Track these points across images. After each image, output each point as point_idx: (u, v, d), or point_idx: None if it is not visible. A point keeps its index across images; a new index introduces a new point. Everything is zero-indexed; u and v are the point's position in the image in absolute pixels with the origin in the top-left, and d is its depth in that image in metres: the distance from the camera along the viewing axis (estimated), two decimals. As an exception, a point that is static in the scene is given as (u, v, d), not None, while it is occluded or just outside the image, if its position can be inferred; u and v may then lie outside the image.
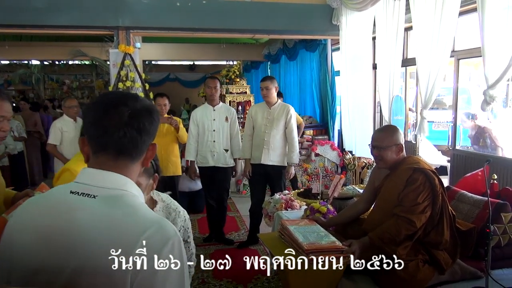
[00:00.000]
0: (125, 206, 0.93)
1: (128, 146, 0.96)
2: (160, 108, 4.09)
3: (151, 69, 11.37)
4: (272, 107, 4.04)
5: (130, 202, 0.95)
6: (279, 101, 4.13)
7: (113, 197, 0.94)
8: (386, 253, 2.05)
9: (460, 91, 4.86)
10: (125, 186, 0.97)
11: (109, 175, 0.96)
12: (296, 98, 8.46)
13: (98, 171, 0.96)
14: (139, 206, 0.95)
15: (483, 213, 2.38)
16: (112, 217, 0.90)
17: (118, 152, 0.96)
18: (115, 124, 0.94)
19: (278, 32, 6.24)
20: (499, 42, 3.34)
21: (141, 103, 1.00)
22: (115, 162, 0.97)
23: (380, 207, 2.31)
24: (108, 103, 0.97)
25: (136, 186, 1.00)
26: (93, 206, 0.91)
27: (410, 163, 2.20)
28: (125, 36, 5.52)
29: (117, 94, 1.02)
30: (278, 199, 3.65)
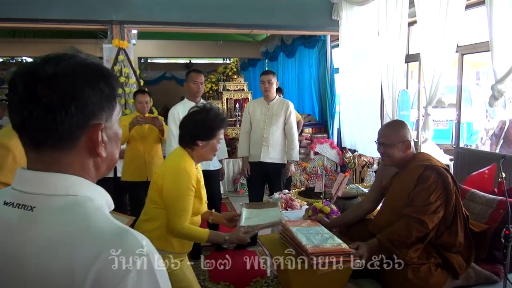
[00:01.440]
0: (71, 220, 0.68)
1: (38, 130, 0.69)
2: (142, 106, 3.75)
3: (146, 67, 11.21)
4: (270, 102, 3.90)
5: (80, 211, 0.69)
6: (277, 97, 3.99)
7: (57, 208, 0.69)
8: (396, 256, 1.92)
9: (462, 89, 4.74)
10: (72, 189, 0.71)
11: (45, 177, 0.70)
12: (295, 96, 8.32)
13: (32, 172, 0.71)
14: (92, 216, 0.69)
15: (496, 213, 2.25)
16: (53, 240, 0.65)
17: (32, 141, 0.71)
18: (18, 102, 0.69)
19: (276, 28, 6.09)
20: (508, 35, 3.22)
21: (64, 64, 0.70)
22: (41, 156, 0.71)
23: (388, 207, 2.17)
24: (17, 74, 0.70)
25: (90, 183, 0.75)
26: (31, 223, 0.67)
27: (420, 160, 2.06)
28: (119, 31, 5.36)
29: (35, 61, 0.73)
30: (277, 198, 3.51)
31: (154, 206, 2.00)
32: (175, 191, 1.93)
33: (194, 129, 2.02)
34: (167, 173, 1.96)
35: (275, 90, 3.94)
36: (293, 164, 3.91)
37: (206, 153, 2.05)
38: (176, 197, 1.93)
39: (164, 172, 1.99)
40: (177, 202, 1.93)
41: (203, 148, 2.02)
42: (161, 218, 1.97)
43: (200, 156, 2.06)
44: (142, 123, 3.56)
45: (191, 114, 2.09)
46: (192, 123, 2.04)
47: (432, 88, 3.97)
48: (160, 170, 2.05)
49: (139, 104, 3.77)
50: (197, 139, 2.00)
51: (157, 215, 1.98)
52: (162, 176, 1.98)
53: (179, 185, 1.93)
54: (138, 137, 3.69)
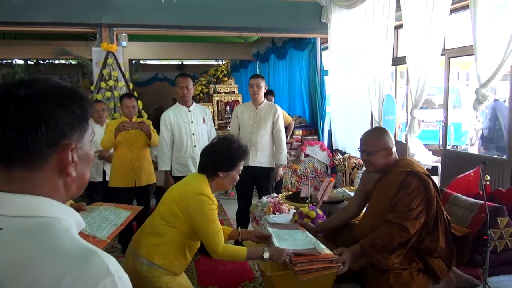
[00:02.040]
0: (38, 242, 0.68)
1: (9, 149, 0.70)
2: (128, 110, 3.64)
3: (138, 68, 11.17)
4: (259, 107, 3.90)
5: (48, 233, 0.69)
6: (266, 101, 4.00)
7: (24, 230, 0.69)
8: (378, 261, 1.95)
9: (450, 90, 4.79)
10: (41, 210, 0.72)
11: (13, 198, 0.71)
12: (286, 98, 8.35)
13: (0, 194, 0.72)
14: (59, 237, 0.70)
15: (478, 217, 2.28)
16: (20, 261, 0.65)
17: (2, 160, 0.72)
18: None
19: (266, 30, 6.12)
20: (491, 40, 3.27)
21: (38, 85, 0.73)
22: (10, 175, 0.72)
23: (372, 213, 2.19)
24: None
25: (59, 204, 0.76)
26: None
27: (402, 166, 2.08)
28: (108, 34, 5.35)
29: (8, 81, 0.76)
30: (266, 202, 3.52)
31: (163, 222, 2.01)
32: (203, 218, 1.96)
33: (216, 159, 2.05)
34: (191, 202, 1.97)
35: (263, 94, 3.94)
36: (281, 168, 3.92)
37: (225, 183, 2.10)
38: (205, 224, 1.96)
39: (186, 195, 2.00)
40: (209, 228, 1.96)
41: (224, 178, 2.07)
42: (168, 236, 1.98)
43: (219, 185, 2.10)
44: (129, 129, 3.47)
45: (214, 144, 2.13)
46: (214, 154, 2.08)
47: (418, 91, 4.01)
48: (179, 193, 2.04)
49: (125, 108, 3.66)
50: (219, 170, 2.04)
51: (164, 232, 1.99)
52: (182, 199, 1.99)
53: (205, 211, 1.96)
54: (125, 142, 3.61)
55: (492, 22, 3.26)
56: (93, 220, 1.67)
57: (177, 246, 2.00)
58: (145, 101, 13.58)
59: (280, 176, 3.95)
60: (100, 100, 4.77)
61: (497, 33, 3.21)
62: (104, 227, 1.67)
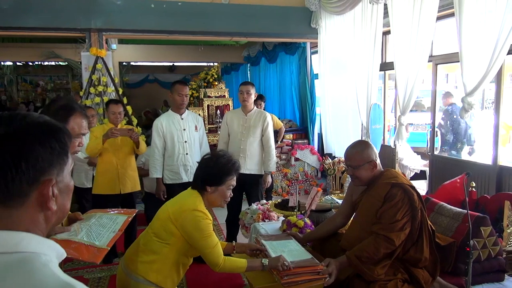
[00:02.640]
0: (18, 278, 0.68)
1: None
2: (115, 116, 3.60)
3: (128, 70, 11.12)
4: (248, 114, 3.91)
5: (27, 269, 0.70)
6: (255, 108, 4.01)
7: (4, 266, 0.69)
8: (364, 273, 1.97)
9: (438, 93, 4.86)
10: (21, 245, 0.72)
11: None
12: (276, 101, 8.39)
13: None
14: (38, 273, 0.70)
15: (462, 226, 2.32)
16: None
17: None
18: None
19: (256, 35, 6.14)
20: (477, 49, 3.32)
21: (16, 123, 0.74)
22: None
23: (358, 224, 2.22)
24: None
25: (39, 238, 0.76)
26: None
27: (388, 177, 2.11)
28: (98, 39, 5.32)
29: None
30: (255, 209, 3.54)
31: (157, 239, 2.00)
32: (199, 233, 1.96)
33: (205, 174, 2.07)
34: (186, 219, 1.97)
35: (253, 101, 3.95)
36: (270, 175, 3.93)
37: (216, 199, 2.09)
38: (203, 238, 1.96)
39: (180, 214, 1.99)
40: (206, 242, 1.96)
41: (213, 193, 2.07)
42: (162, 253, 1.98)
43: (210, 201, 2.09)
44: (118, 136, 3.45)
45: (206, 160, 2.14)
46: (204, 169, 2.10)
47: (405, 98, 4.06)
48: (174, 210, 2.03)
49: (112, 114, 3.61)
50: (207, 184, 2.05)
51: (158, 249, 1.98)
52: (178, 217, 1.98)
53: (201, 226, 1.96)
54: (111, 149, 3.57)
55: (478, 31, 3.31)
56: (91, 229, 1.66)
57: (172, 263, 2.00)
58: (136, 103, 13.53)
59: (268, 183, 3.95)
60: (90, 106, 4.75)
61: (482, 42, 3.26)
62: (103, 234, 1.65)
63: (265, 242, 2.20)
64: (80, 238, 1.62)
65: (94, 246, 1.61)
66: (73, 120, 1.71)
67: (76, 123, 1.71)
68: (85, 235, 1.64)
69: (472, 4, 3.30)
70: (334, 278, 1.95)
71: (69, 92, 13.54)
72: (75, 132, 1.71)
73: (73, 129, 1.69)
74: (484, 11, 3.23)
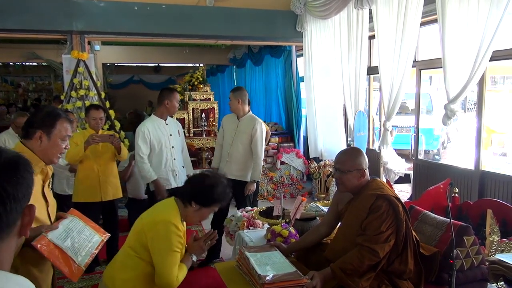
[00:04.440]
0: None
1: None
2: (96, 122, 3.53)
3: (112, 71, 10.95)
4: (241, 118, 3.89)
5: None
6: (249, 114, 3.95)
7: None
8: (348, 285, 1.96)
9: (421, 96, 4.90)
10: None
11: None
12: (262, 105, 8.36)
13: None
14: None
15: (446, 235, 2.32)
16: None
17: None
18: None
19: (241, 38, 6.11)
20: (459, 55, 3.34)
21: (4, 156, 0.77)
22: None
23: (343, 235, 2.21)
24: None
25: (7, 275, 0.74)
26: None
27: (373, 188, 2.10)
28: (79, 41, 5.21)
29: None
30: (240, 217, 3.50)
31: (133, 253, 1.96)
32: (167, 247, 1.91)
33: (198, 190, 2.03)
34: (159, 230, 1.92)
35: (241, 107, 3.85)
36: (254, 184, 3.88)
37: (194, 217, 2.06)
38: (168, 252, 1.91)
39: (154, 225, 1.95)
40: (170, 257, 1.91)
41: (195, 211, 2.03)
42: (138, 269, 1.94)
43: (188, 217, 2.05)
44: (99, 142, 3.38)
45: (204, 176, 2.09)
46: (199, 185, 2.04)
47: (390, 103, 4.07)
48: (148, 221, 2.00)
49: (92, 120, 3.53)
50: (194, 200, 2.01)
51: (135, 265, 1.94)
52: (152, 227, 1.94)
53: (171, 240, 1.91)
54: (92, 155, 3.49)
55: (460, 38, 3.34)
56: (74, 240, 1.79)
57: (150, 279, 1.95)
58: (120, 104, 13.36)
59: (251, 192, 3.86)
60: (70, 110, 4.65)
61: (465, 48, 3.29)
62: (82, 249, 1.80)
63: (249, 254, 2.17)
64: (66, 245, 1.73)
65: (75, 262, 1.73)
66: (60, 124, 1.88)
67: (63, 127, 1.89)
68: (71, 246, 1.76)
69: (455, 11, 3.33)
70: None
71: (52, 93, 13.28)
72: (62, 135, 1.88)
73: (60, 132, 1.87)
74: (466, 18, 3.25)
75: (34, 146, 1.83)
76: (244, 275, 2.10)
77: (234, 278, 2.13)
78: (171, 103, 3.66)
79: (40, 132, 1.83)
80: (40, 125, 1.84)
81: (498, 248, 2.55)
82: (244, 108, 3.89)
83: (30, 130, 1.85)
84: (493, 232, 2.56)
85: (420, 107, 4.78)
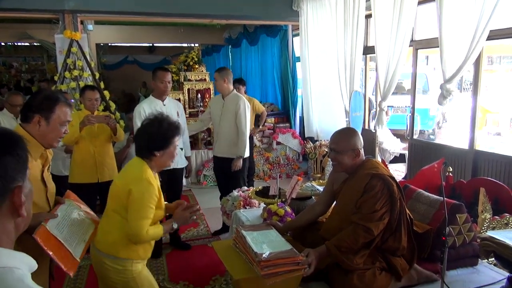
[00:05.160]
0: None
1: None
2: (91, 103, 3.53)
3: (106, 51, 10.79)
4: (225, 98, 3.96)
5: (2, 286, 0.70)
6: (234, 92, 3.99)
7: None
8: (343, 262, 2.00)
9: (418, 75, 4.89)
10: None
11: None
12: (258, 85, 8.31)
13: None
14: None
15: (439, 213, 2.36)
16: None
17: None
18: None
19: (237, 18, 6.03)
20: (456, 35, 3.32)
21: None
22: None
23: (338, 213, 2.24)
24: None
25: (8, 252, 0.76)
26: None
27: (368, 168, 2.12)
28: (72, 20, 5.12)
29: None
30: (236, 196, 3.54)
31: (118, 215, 2.00)
32: (139, 200, 1.95)
33: (149, 141, 2.04)
34: (132, 184, 1.96)
35: (225, 86, 3.92)
36: (240, 159, 3.89)
37: (164, 161, 2.09)
38: (139, 206, 1.95)
39: (127, 183, 1.98)
40: (141, 211, 1.95)
41: (161, 157, 2.06)
42: (125, 228, 1.98)
43: (160, 165, 2.10)
44: (95, 123, 3.37)
45: (145, 126, 2.10)
46: (147, 136, 2.06)
47: (386, 83, 4.07)
48: (121, 182, 2.03)
49: (88, 101, 3.52)
50: (154, 150, 2.03)
51: (121, 226, 1.98)
52: (125, 186, 1.97)
53: (143, 195, 1.95)
54: (88, 136, 3.49)
55: (457, 17, 3.31)
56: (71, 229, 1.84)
57: None
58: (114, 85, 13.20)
59: (237, 167, 3.88)
60: (65, 91, 4.60)
61: (462, 28, 3.27)
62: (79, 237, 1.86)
63: (246, 233, 2.20)
64: (64, 237, 1.76)
65: (71, 255, 1.77)
66: (59, 109, 1.84)
67: (62, 111, 1.85)
68: (67, 235, 1.79)
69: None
70: (314, 268, 1.96)
71: (45, 73, 13.10)
72: (61, 120, 1.85)
73: (59, 117, 1.84)
74: None
75: (32, 130, 1.82)
76: (241, 253, 2.13)
77: (231, 256, 2.16)
78: (154, 84, 3.64)
79: (38, 117, 1.81)
80: (38, 109, 1.82)
81: (490, 226, 2.61)
82: (229, 87, 3.94)
83: (29, 114, 1.82)
84: (485, 210, 2.60)
85: (416, 87, 4.77)
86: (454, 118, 8.69)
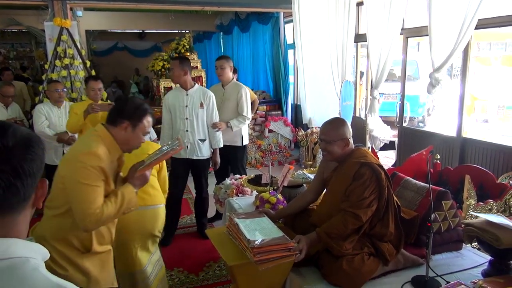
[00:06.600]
0: (10, 285, 0.71)
1: (7, 196, 0.75)
2: (94, 93, 3.67)
3: (95, 37, 10.65)
4: (226, 86, 3.99)
5: (18, 274, 0.73)
6: (234, 81, 4.06)
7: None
8: (332, 248, 2.07)
9: (408, 62, 4.95)
10: (9, 251, 0.75)
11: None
12: (250, 72, 8.30)
13: None
14: (29, 277, 0.73)
15: (425, 200, 2.44)
16: None
17: None
18: None
19: (228, 4, 5.99)
20: (445, 23, 3.37)
21: (13, 135, 0.77)
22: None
23: (328, 201, 2.30)
24: None
25: (24, 242, 0.79)
26: None
27: (357, 156, 2.18)
28: (61, 7, 5.05)
29: None
30: (229, 184, 3.59)
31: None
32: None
33: (120, 106, 1.99)
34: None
35: (230, 74, 4.01)
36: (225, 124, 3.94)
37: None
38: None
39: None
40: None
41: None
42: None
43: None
44: (98, 111, 3.46)
45: (115, 101, 2.19)
46: (117, 106, 2.03)
47: (378, 72, 4.12)
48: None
49: (91, 91, 3.68)
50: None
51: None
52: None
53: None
54: (92, 124, 3.47)
55: (447, 6, 3.36)
56: None
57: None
58: (105, 72, 13.07)
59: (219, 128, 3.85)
60: (57, 80, 4.58)
61: (451, 17, 3.31)
62: None
63: (238, 220, 2.26)
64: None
65: None
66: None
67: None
68: None
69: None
70: (305, 254, 2.03)
71: (34, 60, 12.91)
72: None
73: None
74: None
75: (117, 134, 1.91)
76: (234, 240, 2.19)
77: (225, 243, 2.22)
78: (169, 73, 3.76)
79: (127, 123, 1.92)
80: (129, 117, 1.93)
81: (475, 211, 2.70)
82: (231, 75, 4.01)
83: (118, 118, 1.93)
84: (470, 196, 2.69)
85: (406, 74, 4.83)
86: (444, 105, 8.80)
